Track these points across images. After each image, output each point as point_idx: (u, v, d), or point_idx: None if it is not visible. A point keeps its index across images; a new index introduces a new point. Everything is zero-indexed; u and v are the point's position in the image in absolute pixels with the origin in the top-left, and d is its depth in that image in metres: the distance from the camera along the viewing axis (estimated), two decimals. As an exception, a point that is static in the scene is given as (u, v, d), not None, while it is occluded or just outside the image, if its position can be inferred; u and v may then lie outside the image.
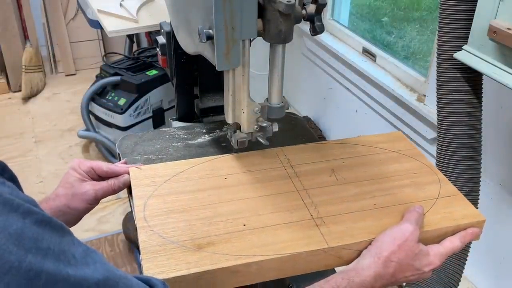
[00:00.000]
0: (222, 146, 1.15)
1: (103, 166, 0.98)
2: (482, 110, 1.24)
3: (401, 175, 0.99)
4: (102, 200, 0.98)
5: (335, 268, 0.87)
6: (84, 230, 2.28)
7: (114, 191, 0.97)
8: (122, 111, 2.48)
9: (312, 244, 0.81)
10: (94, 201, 0.95)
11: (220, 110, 1.26)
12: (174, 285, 0.74)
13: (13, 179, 0.55)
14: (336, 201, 0.92)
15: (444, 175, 1.20)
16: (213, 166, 1.02)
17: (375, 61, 2.20)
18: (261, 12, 0.89)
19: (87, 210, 0.95)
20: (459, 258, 1.25)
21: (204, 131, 1.22)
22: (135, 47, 2.94)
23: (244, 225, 0.85)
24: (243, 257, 0.79)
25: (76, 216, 0.94)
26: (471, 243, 1.20)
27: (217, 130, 1.21)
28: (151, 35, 2.30)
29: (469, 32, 1.14)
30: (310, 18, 0.92)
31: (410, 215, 0.84)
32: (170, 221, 0.86)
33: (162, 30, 1.32)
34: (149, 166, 1.02)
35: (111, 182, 0.96)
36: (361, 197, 0.93)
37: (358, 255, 0.82)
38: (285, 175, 0.99)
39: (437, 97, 1.24)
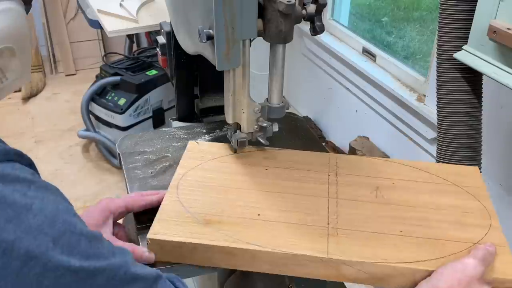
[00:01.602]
0: (222, 146, 1.15)
1: (137, 202, 0.91)
2: (482, 110, 1.24)
3: (450, 210, 0.91)
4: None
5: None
6: (84, 230, 2.28)
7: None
8: (122, 111, 2.48)
9: (313, 250, 0.80)
10: None
11: (220, 110, 1.26)
12: (174, 249, 0.82)
13: (31, 164, 0.59)
14: (361, 217, 0.88)
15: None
16: (263, 155, 1.05)
17: (375, 61, 2.20)
18: (261, 12, 0.89)
19: None
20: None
21: (204, 131, 1.22)
22: (135, 47, 2.95)
23: (259, 215, 0.88)
24: (241, 242, 0.81)
25: None
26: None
27: (217, 130, 1.21)
28: (151, 35, 2.30)
29: (469, 32, 1.14)
30: (310, 18, 0.92)
31: (477, 251, 0.78)
32: (197, 193, 0.92)
33: (162, 30, 1.32)
34: (208, 143, 1.09)
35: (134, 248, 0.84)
36: (391, 220, 0.87)
37: (362, 275, 0.78)
38: (325, 180, 0.97)
39: (437, 97, 1.24)
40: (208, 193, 0.93)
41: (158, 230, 0.84)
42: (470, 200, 0.93)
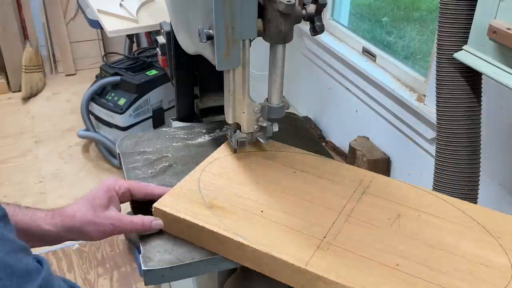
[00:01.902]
0: (222, 146, 1.15)
1: (142, 189, 0.93)
2: (481, 109, 1.24)
3: (467, 258, 0.82)
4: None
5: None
6: (84, 230, 2.27)
7: (138, 231, 0.89)
8: (122, 111, 2.48)
9: (293, 257, 0.79)
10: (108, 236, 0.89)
11: (220, 110, 1.26)
12: (173, 223, 0.88)
13: None
14: (363, 240, 0.84)
15: (443, 174, 1.19)
16: (298, 159, 1.05)
17: (375, 61, 2.20)
18: (261, 12, 0.89)
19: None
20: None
21: (204, 131, 1.22)
22: (135, 47, 2.94)
23: (262, 211, 0.89)
24: (230, 232, 0.83)
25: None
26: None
27: (217, 130, 1.21)
28: (151, 35, 2.30)
29: (469, 32, 1.14)
30: (310, 18, 0.92)
31: None
32: (216, 178, 0.97)
33: (162, 30, 1.32)
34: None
35: (137, 221, 0.88)
36: (393, 251, 0.82)
37: None
38: (347, 195, 0.94)
39: (437, 97, 1.24)
40: (226, 180, 0.97)
41: (166, 202, 0.90)
42: (497, 253, 0.83)
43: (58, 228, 0.85)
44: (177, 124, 1.33)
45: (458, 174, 1.23)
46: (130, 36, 2.74)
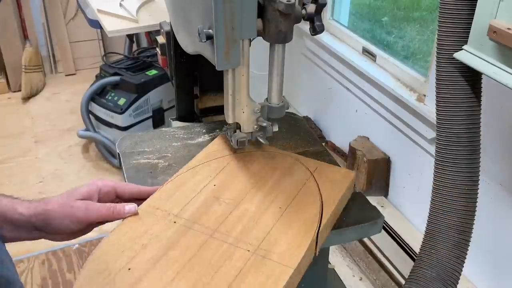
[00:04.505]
0: (222, 146, 1.15)
1: (128, 188, 0.92)
2: (481, 109, 1.24)
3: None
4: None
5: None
6: (84, 230, 2.27)
7: (110, 215, 0.88)
8: (122, 111, 2.48)
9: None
10: (82, 225, 0.85)
11: (220, 110, 1.26)
12: None
13: None
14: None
15: (443, 174, 1.20)
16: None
17: (375, 61, 2.20)
18: (261, 12, 0.89)
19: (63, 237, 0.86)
20: (456, 256, 1.25)
21: (204, 131, 1.22)
22: (135, 47, 2.95)
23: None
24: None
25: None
26: (470, 241, 1.20)
27: (217, 130, 1.21)
28: (151, 35, 2.30)
29: (469, 32, 1.14)
30: (310, 18, 0.92)
31: None
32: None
33: (162, 30, 1.32)
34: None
35: (110, 205, 0.87)
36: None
37: None
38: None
39: (436, 97, 1.24)
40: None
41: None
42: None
43: (30, 211, 0.80)
44: (177, 124, 1.33)
45: (458, 174, 1.23)
46: (130, 36, 2.74)
